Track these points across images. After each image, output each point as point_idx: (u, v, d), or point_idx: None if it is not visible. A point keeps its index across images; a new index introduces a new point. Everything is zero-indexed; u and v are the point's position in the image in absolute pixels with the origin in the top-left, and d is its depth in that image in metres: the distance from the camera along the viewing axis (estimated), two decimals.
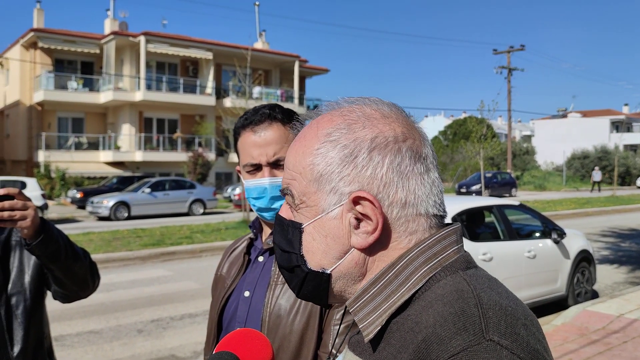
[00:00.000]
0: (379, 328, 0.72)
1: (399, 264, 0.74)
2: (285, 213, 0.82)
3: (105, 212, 19.23)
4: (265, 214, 1.48)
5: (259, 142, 1.45)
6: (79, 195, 22.89)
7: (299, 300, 1.37)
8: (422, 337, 0.65)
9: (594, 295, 8.12)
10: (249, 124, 1.47)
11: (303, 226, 0.78)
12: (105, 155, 29.97)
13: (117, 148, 30.13)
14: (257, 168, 1.47)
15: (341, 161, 0.75)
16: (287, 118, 1.48)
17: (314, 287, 0.79)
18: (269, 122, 1.46)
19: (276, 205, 1.46)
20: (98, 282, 1.91)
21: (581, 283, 7.69)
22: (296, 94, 35.11)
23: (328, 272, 0.77)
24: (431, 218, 0.76)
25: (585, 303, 7.17)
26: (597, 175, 38.05)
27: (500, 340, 0.62)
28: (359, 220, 0.74)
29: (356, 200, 0.73)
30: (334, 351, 1.22)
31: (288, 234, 0.80)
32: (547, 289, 7.16)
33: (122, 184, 23.79)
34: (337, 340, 1.27)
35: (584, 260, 7.72)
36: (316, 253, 0.77)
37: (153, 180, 21.90)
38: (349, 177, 0.74)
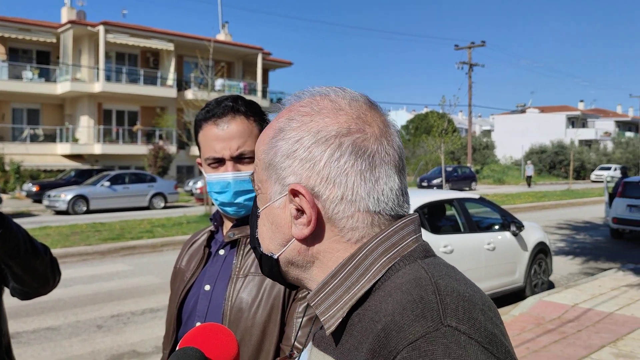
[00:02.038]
0: (340, 320, 0.73)
1: (358, 256, 0.74)
2: None
3: (62, 206, 18.76)
4: (228, 209, 1.46)
5: (222, 135, 1.41)
6: (34, 188, 22.26)
7: (261, 293, 1.36)
8: (382, 325, 0.66)
9: (550, 285, 8.35)
10: (211, 116, 1.43)
11: (259, 211, 0.82)
12: (63, 148, 29.21)
13: (75, 140, 29.39)
14: (220, 162, 1.43)
15: (286, 152, 0.76)
16: (251, 111, 1.45)
17: (269, 268, 0.82)
18: (232, 115, 1.42)
19: (239, 200, 1.43)
20: (59, 279, 1.86)
21: (538, 274, 7.91)
22: (259, 87, 34.90)
23: (275, 257, 0.80)
24: (374, 215, 0.75)
25: (542, 293, 7.38)
26: (529, 169, 37.22)
27: (458, 326, 0.63)
28: (299, 211, 0.75)
29: (294, 193, 0.74)
30: (297, 344, 1.22)
31: (253, 217, 0.85)
32: (506, 280, 7.33)
33: (80, 177, 23.24)
34: (299, 333, 1.26)
35: (541, 252, 7.93)
36: (265, 238, 0.81)
37: (113, 173, 21.46)
38: (290, 168, 0.75)
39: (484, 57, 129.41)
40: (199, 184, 22.58)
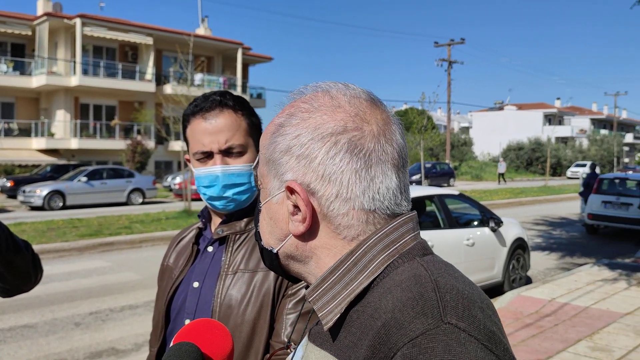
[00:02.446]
0: (338, 316, 0.73)
1: (357, 252, 0.74)
2: None
3: (38, 202, 18.46)
4: (217, 203, 1.45)
5: (210, 129, 1.41)
6: (9, 184, 21.88)
7: (251, 290, 1.36)
8: (382, 322, 0.66)
9: (528, 281, 8.47)
10: (199, 110, 1.43)
11: (260, 206, 0.83)
12: (38, 143, 28.69)
13: (51, 135, 28.92)
14: (208, 156, 1.43)
15: (285, 149, 0.76)
16: (239, 105, 1.45)
17: (270, 261, 0.84)
18: (220, 109, 1.42)
19: (228, 193, 1.42)
20: (41, 275, 1.82)
21: (516, 269, 8.01)
22: (239, 82, 34.71)
23: (274, 251, 0.81)
24: (369, 214, 0.75)
25: (520, 288, 7.48)
26: (501, 166, 37.19)
27: (457, 323, 0.63)
28: (295, 207, 0.76)
29: (290, 190, 0.75)
30: (289, 342, 1.22)
31: (256, 211, 0.87)
32: (485, 275, 7.41)
33: (56, 172, 22.91)
34: (290, 329, 1.26)
35: (519, 248, 8.04)
36: (265, 232, 0.83)
37: (90, 168, 21.17)
38: (287, 165, 0.76)
39: (463, 54, 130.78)
40: (178, 180, 22.40)
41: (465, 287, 0.70)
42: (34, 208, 18.72)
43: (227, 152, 1.42)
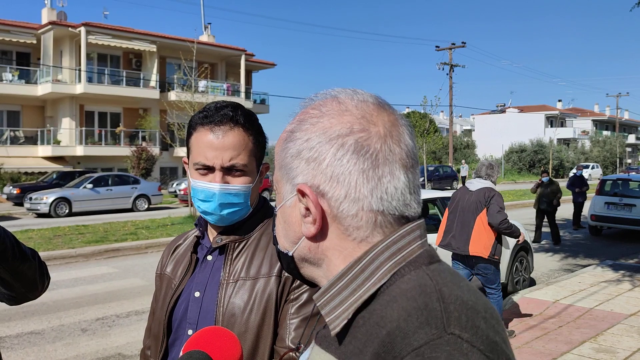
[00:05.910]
0: (345, 322, 0.74)
1: (365, 259, 0.75)
2: None
3: (44, 209, 18.56)
4: (209, 217, 1.44)
5: (217, 144, 1.37)
6: (15, 191, 21.96)
7: (253, 297, 1.36)
8: (387, 331, 0.67)
9: (532, 282, 8.48)
10: (208, 122, 1.38)
11: (275, 210, 0.86)
12: (44, 150, 28.86)
13: (57, 142, 29.06)
14: (209, 169, 1.39)
15: (295, 153, 0.79)
16: (249, 123, 1.41)
17: (287, 264, 0.86)
18: (230, 126, 1.38)
19: (224, 212, 1.40)
20: (48, 283, 1.83)
21: (520, 271, 8.02)
22: (242, 88, 34.81)
23: (290, 254, 0.83)
24: (378, 214, 0.75)
25: (524, 290, 7.50)
26: (464, 169, 35.59)
27: (461, 334, 0.64)
28: (307, 210, 0.78)
29: (301, 192, 0.77)
30: (291, 344, 1.25)
31: (274, 214, 0.89)
32: None
33: (62, 179, 22.99)
34: (294, 333, 1.28)
35: (523, 250, 8.04)
36: (280, 236, 0.85)
37: (95, 175, 21.27)
38: (298, 169, 0.79)
39: (464, 58, 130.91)
40: (183, 186, 22.47)
41: (470, 296, 0.71)
42: (40, 215, 18.82)
43: (228, 170, 1.39)
